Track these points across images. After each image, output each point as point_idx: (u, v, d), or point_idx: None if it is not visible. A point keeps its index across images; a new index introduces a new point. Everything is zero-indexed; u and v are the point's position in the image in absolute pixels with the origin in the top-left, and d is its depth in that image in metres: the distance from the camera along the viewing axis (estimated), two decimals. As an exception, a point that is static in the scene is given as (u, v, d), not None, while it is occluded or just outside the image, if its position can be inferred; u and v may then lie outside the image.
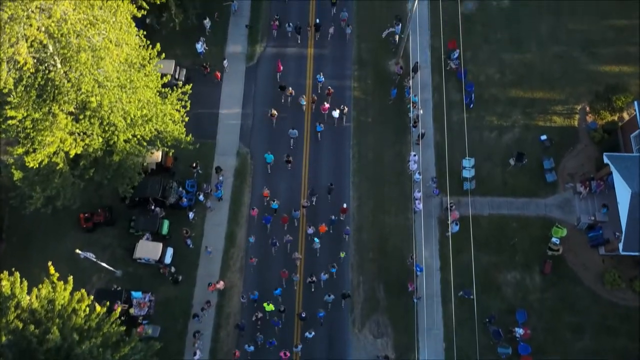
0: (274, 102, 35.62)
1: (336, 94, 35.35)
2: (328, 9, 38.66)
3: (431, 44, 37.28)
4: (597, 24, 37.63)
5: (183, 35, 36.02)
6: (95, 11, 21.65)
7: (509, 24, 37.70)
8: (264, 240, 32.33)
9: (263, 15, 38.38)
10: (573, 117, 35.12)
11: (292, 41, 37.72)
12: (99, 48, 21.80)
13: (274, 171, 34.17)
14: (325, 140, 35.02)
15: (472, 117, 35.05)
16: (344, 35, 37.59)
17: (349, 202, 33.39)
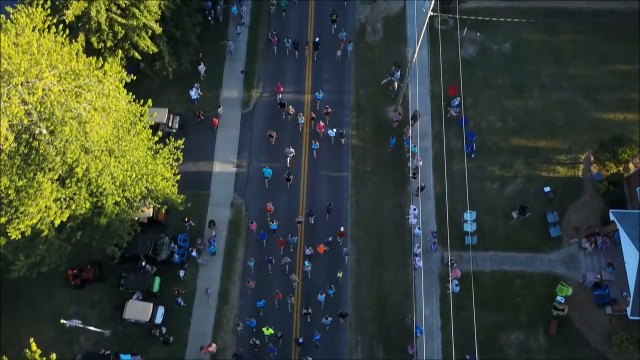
0: (271, 126, 35.19)
1: (335, 117, 34.99)
2: (328, 26, 38.09)
3: (431, 90, 36.46)
4: (600, 69, 36.84)
5: (177, 80, 35.10)
6: (80, 81, 20.73)
7: (510, 68, 36.91)
8: (264, 265, 31.56)
9: (259, 57, 37.64)
10: (577, 167, 34.19)
11: (290, 58, 37.38)
12: (84, 120, 20.84)
13: (272, 187, 33.74)
14: (322, 159, 34.64)
15: (473, 167, 34.11)
16: (344, 55, 37.34)
17: (346, 225, 32.83)
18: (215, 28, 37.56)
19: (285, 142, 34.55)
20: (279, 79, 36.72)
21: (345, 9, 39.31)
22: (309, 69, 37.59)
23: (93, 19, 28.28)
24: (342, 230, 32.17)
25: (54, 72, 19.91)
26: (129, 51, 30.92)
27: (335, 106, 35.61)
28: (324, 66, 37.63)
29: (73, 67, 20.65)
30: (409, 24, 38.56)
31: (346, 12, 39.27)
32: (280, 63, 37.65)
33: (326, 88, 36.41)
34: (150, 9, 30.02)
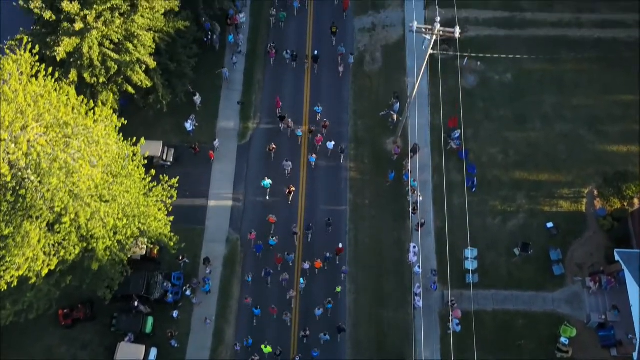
0: (271, 139, 35.01)
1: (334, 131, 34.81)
2: (328, 38, 37.76)
3: (431, 122, 35.79)
4: (602, 99, 36.21)
5: (172, 111, 34.32)
6: (68, 130, 20.00)
7: (511, 99, 36.26)
8: (262, 283, 31.25)
9: (256, 87, 36.97)
10: (580, 202, 33.45)
11: (289, 71, 37.11)
12: (72, 170, 20.10)
13: (271, 199, 33.44)
14: (320, 173, 34.36)
15: (474, 201, 33.37)
16: (347, 69, 37.06)
17: (345, 241, 32.51)
18: (212, 56, 36.89)
19: (284, 155, 34.32)
20: (277, 92, 36.45)
21: (344, 22, 38.81)
22: (307, 82, 37.18)
23: (85, 55, 27.60)
24: (341, 247, 31.73)
25: (40, 123, 19.21)
26: (122, 85, 30.23)
27: (334, 120, 35.21)
28: (324, 79, 37.40)
29: (61, 117, 19.90)
30: (408, 53, 37.95)
31: (345, 24, 38.75)
32: (278, 76, 37.32)
33: (325, 101, 35.99)
34: (145, 43, 29.34)
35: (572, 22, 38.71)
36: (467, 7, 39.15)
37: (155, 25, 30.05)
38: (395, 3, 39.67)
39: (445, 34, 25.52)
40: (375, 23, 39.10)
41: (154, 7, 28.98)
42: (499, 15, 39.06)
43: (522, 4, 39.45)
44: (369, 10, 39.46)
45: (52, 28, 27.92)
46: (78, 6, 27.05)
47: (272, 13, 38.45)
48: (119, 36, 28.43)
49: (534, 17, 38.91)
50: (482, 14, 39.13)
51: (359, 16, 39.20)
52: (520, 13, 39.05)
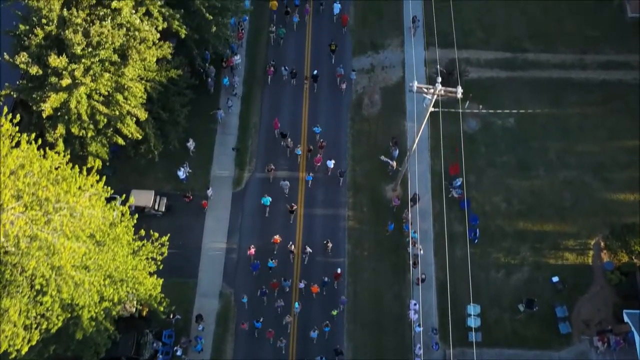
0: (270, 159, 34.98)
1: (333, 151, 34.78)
2: (327, 56, 37.56)
3: (431, 167, 34.77)
4: (608, 145, 35.19)
5: (165, 157, 33.29)
6: (49, 207, 18.94)
7: (514, 144, 35.24)
8: (258, 304, 30.78)
9: (252, 131, 36.00)
10: (587, 254, 32.30)
11: (288, 89, 36.89)
12: (54, 252, 19.01)
13: (271, 217, 33.19)
14: (319, 192, 34.04)
15: (476, 253, 32.20)
16: (349, 86, 37.02)
17: (343, 266, 31.97)
18: (206, 100, 35.92)
19: (283, 174, 34.05)
20: (275, 111, 36.27)
21: (343, 38, 38.63)
22: (306, 101, 36.71)
23: (72, 110, 26.61)
24: (340, 272, 31.10)
25: (19, 202, 18.15)
26: (112, 138, 29.24)
27: (332, 140, 35.11)
28: (323, 98, 37.00)
29: (41, 195, 18.83)
30: (407, 95, 37.01)
31: (344, 41, 38.51)
32: (277, 94, 36.98)
33: (324, 122, 35.65)
34: (135, 94, 28.37)
35: (576, 63, 37.83)
36: (467, 47, 38.34)
37: (146, 75, 29.14)
38: (394, 43, 38.82)
39: (446, 93, 24.50)
40: (374, 64, 38.21)
41: (145, 58, 28.04)
42: (501, 56, 38.17)
43: (524, 44, 38.59)
44: (368, 50, 38.60)
45: (38, 82, 26.96)
46: (65, 60, 26.13)
47: (272, 29, 38.07)
48: (108, 89, 27.49)
49: (537, 58, 38.03)
50: (483, 55, 38.25)
51: (358, 57, 38.32)
52: (523, 54, 38.17)
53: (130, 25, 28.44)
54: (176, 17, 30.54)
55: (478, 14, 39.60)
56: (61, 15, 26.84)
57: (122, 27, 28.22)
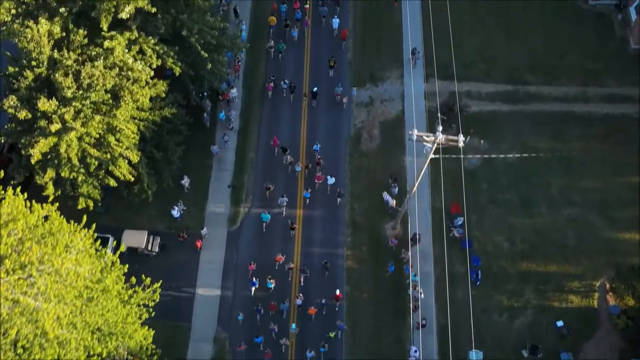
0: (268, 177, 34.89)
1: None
2: (325, 71, 37.52)
3: (432, 205, 33.97)
4: (612, 182, 34.39)
5: (159, 195, 32.44)
6: (32, 270, 18.09)
7: (517, 181, 34.43)
8: (254, 323, 30.31)
9: (248, 167, 35.22)
10: (592, 296, 31.41)
11: (287, 105, 36.82)
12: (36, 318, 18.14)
13: (269, 233, 32.92)
14: (317, 209, 33.75)
15: (479, 296, 31.25)
16: (350, 101, 37.02)
17: (342, 286, 31.45)
18: (202, 134, 35.17)
19: (281, 190, 33.73)
20: (275, 127, 36.16)
21: (341, 53, 38.52)
22: (304, 118, 36.52)
23: (62, 154, 25.85)
24: (338, 293, 30.49)
25: (1, 268, 17.32)
26: (104, 180, 28.44)
27: (331, 158, 35.09)
28: (322, 115, 36.79)
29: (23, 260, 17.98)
30: (407, 129, 36.19)
31: (342, 56, 38.42)
32: (276, 110, 36.83)
33: (323, 139, 35.40)
34: (128, 135, 27.63)
35: (579, 96, 37.18)
36: (468, 79, 37.71)
37: (139, 114, 28.42)
38: (394, 75, 38.18)
39: (447, 142, 23.77)
40: (373, 97, 37.54)
41: (137, 99, 27.32)
42: (502, 88, 37.52)
43: (525, 76, 37.96)
44: (367, 83, 37.94)
45: (28, 125, 26.22)
46: (55, 104, 25.41)
47: (270, 44, 37.92)
48: (99, 131, 26.75)
49: (539, 90, 37.39)
50: (484, 87, 37.60)
51: (357, 90, 37.64)
52: (524, 86, 37.53)
53: (123, 65, 27.81)
54: (170, 55, 29.93)
55: (479, 45, 39.02)
56: (52, 57, 26.18)
57: (114, 67, 27.61)
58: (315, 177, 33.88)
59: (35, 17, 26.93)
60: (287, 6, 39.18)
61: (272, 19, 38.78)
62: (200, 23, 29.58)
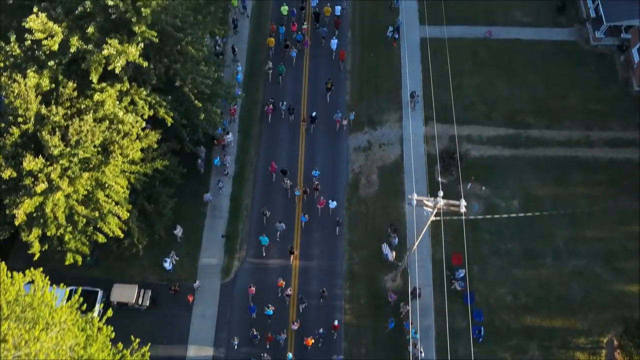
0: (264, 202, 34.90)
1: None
2: (322, 94, 37.55)
3: (432, 255, 32.90)
4: (618, 231, 33.33)
5: (150, 245, 31.35)
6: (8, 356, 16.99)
7: (520, 231, 33.37)
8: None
9: (243, 214, 34.24)
10: (599, 353, 30.17)
11: (285, 128, 36.75)
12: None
13: (268, 255, 32.74)
14: (314, 235, 33.42)
15: (482, 352, 30.05)
16: (348, 124, 36.96)
17: (340, 317, 30.97)
18: (195, 181, 34.24)
19: (278, 216, 33.45)
20: (273, 151, 36.05)
21: (339, 74, 38.58)
22: (302, 142, 36.35)
23: (48, 214, 24.88)
24: (337, 324, 30.11)
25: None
26: (92, 236, 27.44)
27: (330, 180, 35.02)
28: (320, 140, 36.57)
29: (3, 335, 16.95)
30: (406, 175, 35.38)
31: (340, 77, 38.45)
32: (274, 134, 36.69)
33: (321, 163, 35.30)
34: (118, 191, 26.71)
35: (582, 140, 36.35)
36: (468, 122, 36.94)
37: (130, 168, 27.51)
38: (392, 118, 37.38)
39: (448, 207, 22.84)
40: (372, 141, 36.69)
41: (127, 154, 26.44)
42: (503, 132, 36.69)
43: (527, 119, 37.16)
44: (365, 126, 37.12)
45: (13, 183, 25.26)
46: (42, 161, 24.52)
47: (269, 67, 37.90)
48: (87, 187, 25.82)
49: (541, 134, 36.56)
50: (485, 131, 36.77)
51: (354, 134, 36.84)
52: (526, 130, 36.71)
53: (114, 117, 27.01)
54: (163, 104, 29.13)
55: (479, 87, 38.29)
56: (39, 112, 25.36)
57: (104, 120, 26.79)
58: (318, 202, 33.50)
59: (23, 70, 26.18)
60: (285, 27, 39.26)
61: (270, 40, 38.73)
62: (193, 72, 28.82)
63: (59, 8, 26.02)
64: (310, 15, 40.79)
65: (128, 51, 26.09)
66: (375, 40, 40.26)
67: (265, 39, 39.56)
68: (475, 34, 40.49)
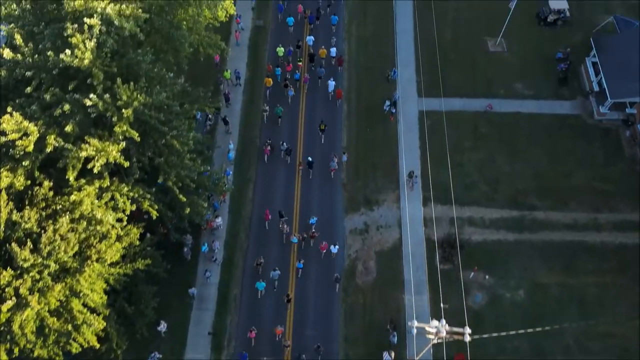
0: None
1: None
2: (317, 137, 37.28)
3: (433, 354, 30.66)
4: (632, 326, 31.11)
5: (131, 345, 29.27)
6: None
7: (526, 324, 31.02)
8: None
9: (231, 306, 32.08)
10: None
11: (282, 171, 36.26)
12: None
13: (263, 301, 31.98)
14: (310, 282, 32.56)
15: None
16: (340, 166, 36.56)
17: None
18: (181, 270, 32.27)
19: (272, 263, 32.54)
20: (268, 196, 35.48)
21: (336, 114, 38.24)
22: (298, 186, 35.74)
23: (16, 331, 22.86)
24: None
25: None
26: (66, 346, 25.34)
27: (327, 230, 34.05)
28: (316, 186, 36.00)
29: None
30: (405, 261, 33.47)
31: (335, 116, 38.23)
32: (270, 179, 36.24)
33: (317, 210, 34.63)
34: (94, 298, 24.68)
35: (590, 223, 34.57)
36: (470, 203, 35.26)
37: (108, 271, 25.62)
38: (389, 198, 35.69)
39: (451, 335, 20.93)
40: (368, 223, 34.90)
41: (105, 259, 24.60)
42: (507, 214, 34.93)
43: (531, 199, 35.46)
44: (361, 207, 35.38)
45: (-21, 296, 23.37)
46: (11, 273, 22.64)
47: (265, 108, 37.79)
48: (60, 298, 23.87)
49: (547, 217, 34.80)
50: (487, 213, 35.02)
51: (350, 215, 35.09)
52: (531, 212, 34.95)
53: (92, 218, 25.27)
54: (147, 197, 27.43)
55: (480, 164, 36.76)
56: (10, 219, 23.62)
57: (81, 220, 25.04)
58: (319, 246, 32.71)
59: (-5, 171, 24.56)
60: (282, 68, 39.42)
61: (268, 80, 38.68)
62: (178, 167, 27.21)
63: (35, 105, 24.56)
64: (306, 55, 40.55)
65: (108, 150, 24.56)
66: (371, 114, 38.90)
67: (259, 114, 38.48)
68: (475, 106, 39.22)
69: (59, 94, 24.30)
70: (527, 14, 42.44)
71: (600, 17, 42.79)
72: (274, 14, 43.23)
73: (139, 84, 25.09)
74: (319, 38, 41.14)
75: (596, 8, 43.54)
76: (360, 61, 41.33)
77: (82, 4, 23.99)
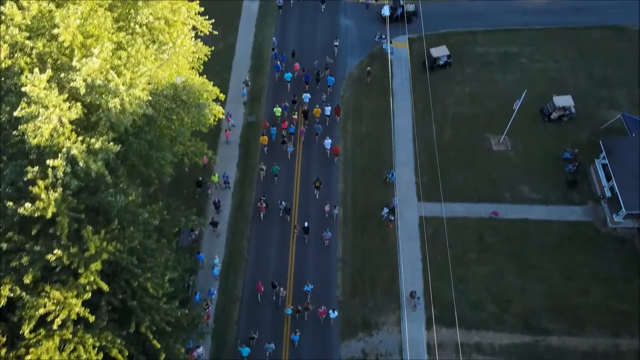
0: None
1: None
2: (312, 194, 36.83)
3: None
4: None
5: None
6: None
7: None
8: None
9: None
10: None
11: (277, 232, 35.31)
12: None
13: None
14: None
15: None
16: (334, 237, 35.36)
17: None
18: None
19: (267, 336, 31.14)
20: (263, 261, 34.36)
21: (332, 170, 38.03)
22: (292, 250, 34.75)
23: None
24: None
25: None
26: None
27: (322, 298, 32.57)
28: (312, 253, 34.77)
29: None
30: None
31: (331, 174, 37.88)
32: (264, 243, 35.07)
33: (313, 279, 33.21)
34: None
35: (609, 351, 31.27)
36: (477, 326, 32.16)
37: None
38: (390, 320, 32.51)
39: None
40: (367, 351, 31.57)
41: None
42: (519, 340, 31.72)
43: (545, 322, 32.29)
44: (359, 332, 32.12)
45: None
46: None
47: (261, 167, 37.51)
48: None
49: (562, 342, 31.61)
50: (497, 338, 31.84)
51: (347, 341, 31.80)
52: (545, 337, 31.76)
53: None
54: (117, 342, 24.24)
55: (487, 280, 33.79)
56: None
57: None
58: (319, 312, 31.59)
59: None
60: (277, 128, 39.11)
61: (263, 138, 38.40)
62: (152, 310, 24.19)
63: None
64: (301, 111, 40.00)
65: (71, 303, 21.62)
66: (368, 221, 36.21)
67: (248, 217, 36.04)
68: (479, 212, 36.59)
69: (18, 241, 21.57)
70: (530, 110, 40.46)
71: (606, 112, 40.97)
72: (271, 73, 42.91)
73: (110, 227, 22.44)
74: (314, 96, 40.54)
75: (601, 103, 41.68)
76: (357, 161, 39.02)
77: (46, 140, 21.59)
